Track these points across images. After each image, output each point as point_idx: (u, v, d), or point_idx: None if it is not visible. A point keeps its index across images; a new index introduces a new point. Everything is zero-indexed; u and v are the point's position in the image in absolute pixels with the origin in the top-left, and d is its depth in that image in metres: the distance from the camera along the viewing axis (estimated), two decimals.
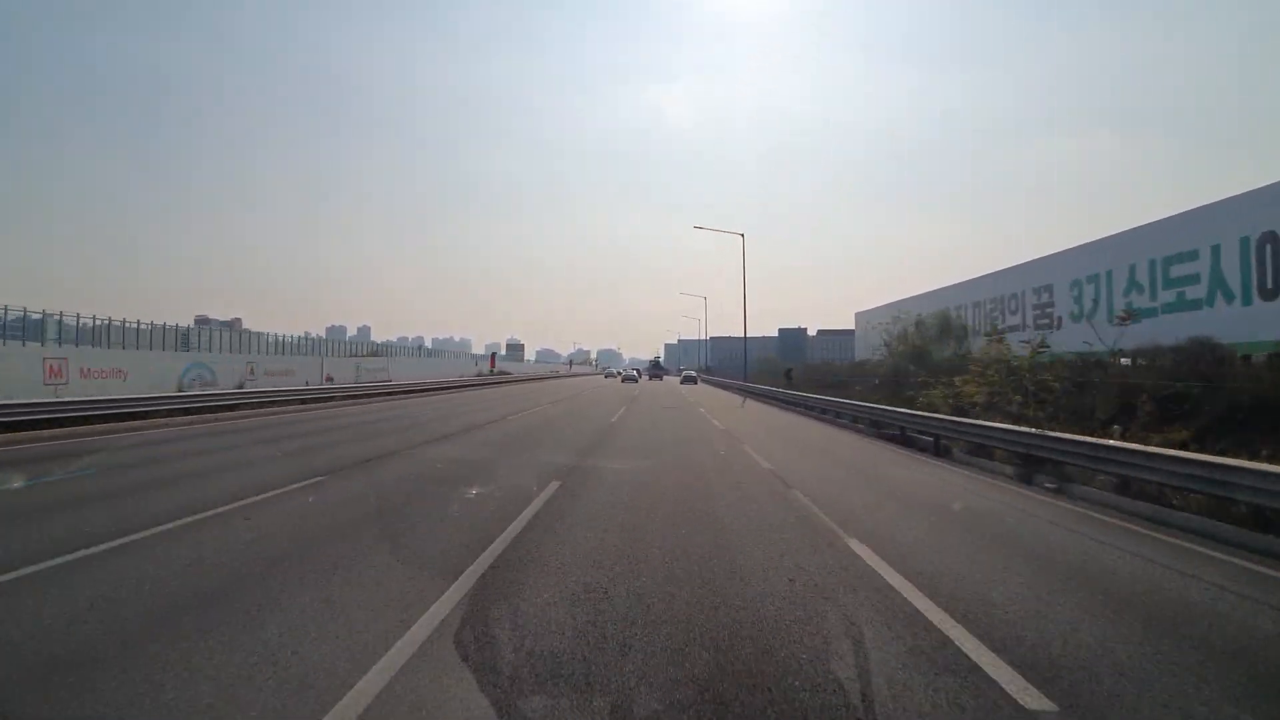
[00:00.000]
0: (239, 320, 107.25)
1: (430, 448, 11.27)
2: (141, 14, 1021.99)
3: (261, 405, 20.45)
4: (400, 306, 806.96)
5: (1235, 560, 5.24)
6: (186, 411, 17.28)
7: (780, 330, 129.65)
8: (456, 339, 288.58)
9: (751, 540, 5.38)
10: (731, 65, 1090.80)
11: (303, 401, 22.78)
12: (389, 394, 29.59)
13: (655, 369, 78.81)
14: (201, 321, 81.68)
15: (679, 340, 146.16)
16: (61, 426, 13.64)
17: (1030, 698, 2.83)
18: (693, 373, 62.71)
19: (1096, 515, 6.86)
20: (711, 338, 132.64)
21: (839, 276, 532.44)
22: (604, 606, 3.79)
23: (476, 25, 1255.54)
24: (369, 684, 2.81)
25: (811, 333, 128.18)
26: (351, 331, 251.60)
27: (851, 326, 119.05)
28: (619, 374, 71.71)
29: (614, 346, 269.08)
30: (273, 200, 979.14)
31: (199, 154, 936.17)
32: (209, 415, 17.38)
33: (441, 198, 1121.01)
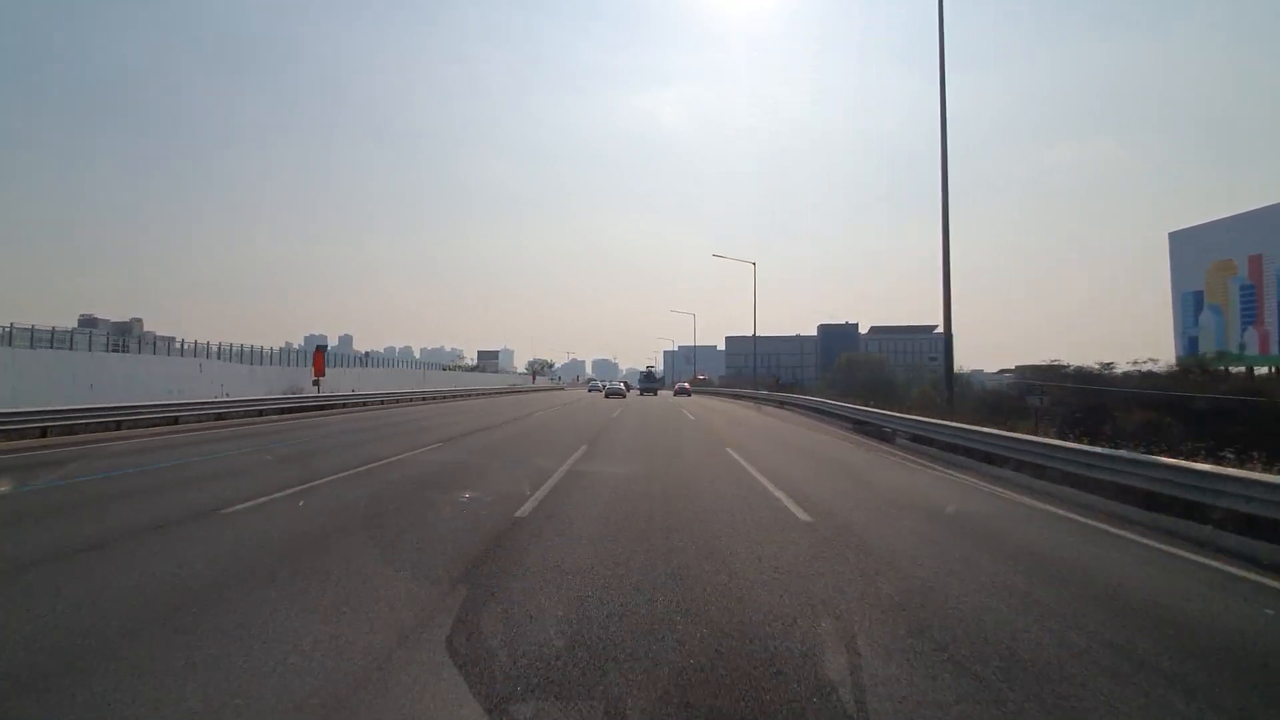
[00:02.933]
0: (139, 321, 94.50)
1: None
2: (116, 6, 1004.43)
3: None
4: (390, 314, 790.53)
5: None
6: None
7: (820, 328, 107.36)
8: (448, 349, 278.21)
9: None
10: (731, 70, 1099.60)
11: None
12: None
13: (648, 381, 61.33)
14: (87, 321, 70.04)
15: (679, 347, 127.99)
16: None
17: None
18: (685, 384, 61.47)
19: None
20: (728, 337, 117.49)
21: (845, 281, 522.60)
22: None
23: (467, 26, 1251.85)
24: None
25: (863, 329, 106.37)
26: (333, 341, 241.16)
27: (915, 323, 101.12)
28: (603, 386, 59.12)
29: (610, 357, 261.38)
30: (254, 202, 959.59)
31: (176, 149, 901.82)
32: None
33: (436, 201, 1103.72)
